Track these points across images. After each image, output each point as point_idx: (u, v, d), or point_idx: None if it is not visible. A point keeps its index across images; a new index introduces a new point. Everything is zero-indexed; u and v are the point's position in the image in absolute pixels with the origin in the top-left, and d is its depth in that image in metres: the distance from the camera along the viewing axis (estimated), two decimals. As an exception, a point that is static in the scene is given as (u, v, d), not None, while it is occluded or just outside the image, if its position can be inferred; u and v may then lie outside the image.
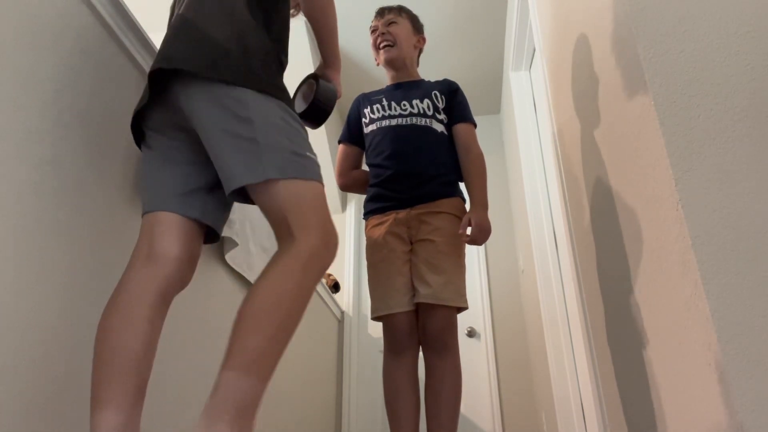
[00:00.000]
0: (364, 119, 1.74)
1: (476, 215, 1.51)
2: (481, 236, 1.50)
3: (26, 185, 0.93)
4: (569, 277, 1.92)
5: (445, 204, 1.57)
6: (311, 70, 3.29)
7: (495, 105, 3.97)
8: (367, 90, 1.86)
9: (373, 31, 1.75)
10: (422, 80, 1.78)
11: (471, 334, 3.46)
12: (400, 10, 1.76)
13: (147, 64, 1.35)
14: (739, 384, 0.75)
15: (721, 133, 0.90)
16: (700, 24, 0.98)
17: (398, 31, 1.72)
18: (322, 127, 3.39)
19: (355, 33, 1.79)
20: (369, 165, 1.71)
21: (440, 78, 1.82)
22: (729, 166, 0.88)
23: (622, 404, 1.29)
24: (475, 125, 1.71)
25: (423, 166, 1.59)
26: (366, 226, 1.66)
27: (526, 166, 2.83)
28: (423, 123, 1.64)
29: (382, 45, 1.72)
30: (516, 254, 3.52)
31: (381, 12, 1.76)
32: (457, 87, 1.74)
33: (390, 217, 1.57)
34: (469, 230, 1.51)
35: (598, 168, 1.32)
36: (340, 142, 1.81)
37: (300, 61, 3.21)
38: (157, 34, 1.22)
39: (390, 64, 1.73)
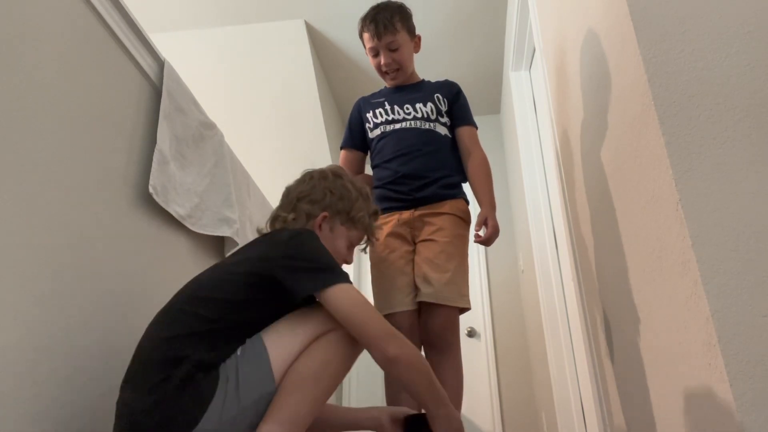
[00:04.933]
0: (367, 124, 1.73)
1: (492, 216, 1.54)
2: (494, 237, 1.53)
3: (26, 185, 0.93)
4: (569, 277, 1.92)
5: (449, 205, 1.58)
6: (312, 74, 3.30)
7: (495, 105, 3.97)
8: (367, 91, 1.85)
9: (373, 54, 1.68)
10: (422, 81, 1.78)
11: (471, 334, 3.46)
12: (394, 23, 1.62)
13: (147, 64, 1.36)
14: (739, 384, 0.75)
15: (721, 133, 0.90)
16: (700, 24, 0.98)
17: (402, 56, 1.67)
18: (322, 130, 3.40)
19: (355, 33, 1.76)
20: (373, 167, 1.72)
21: (440, 77, 1.81)
22: (729, 166, 0.88)
23: (621, 404, 1.29)
24: (476, 127, 1.72)
25: (427, 169, 1.60)
26: None
27: (526, 166, 2.82)
28: (426, 127, 1.64)
29: (388, 73, 1.69)
30: (516, 254, 3.52)
31: (378, 33, 1.62)
32: (459, 89, 1.74)
33: (393, 218, 1.58)
34: (482, 231, 1.53)
35: (598, 168, 1.32)
36: (342, 147, 1.81)
37: (300, 64, 3.22)
38: (157, 34, 1.22)
39: (398, 83, 1.73)
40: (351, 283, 1.00)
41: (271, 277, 0.98)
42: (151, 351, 0.91)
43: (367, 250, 1.38)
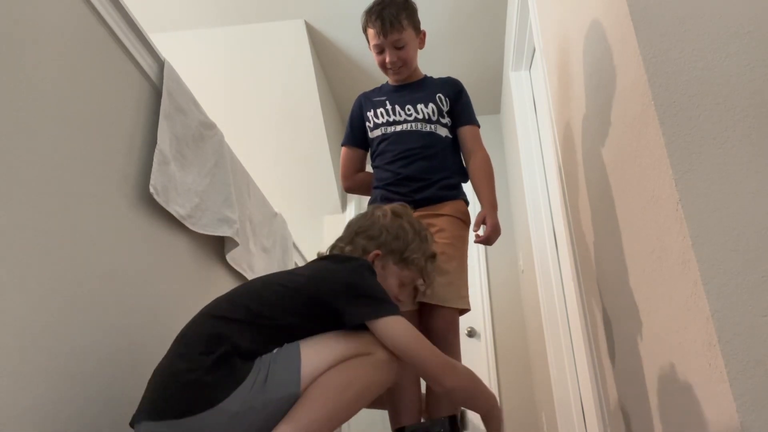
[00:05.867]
0: (368, 123, 1.72)
1: (491, 215, 1.53)
2: (494, 236, 1.52)
3: (26, 185, 0.93)
4: (569, 277, 1.92)
5: (449, 206, 1.57)
6: (312, 74, 3.29)
7: (495, 105, 3.97)
8: (367, 89, 1.84)
9: (378, 51, 1.66)
10: (425, 78, 1.76)
11: (471, 334, 3.46)
12: (401, 20, 1.60)
13: (147, 64, 1.36)
14: (739, 384, 0.75)
15: (721, 133, 0.90)
16: (700, 24, 0.98)
17: (407, 53, 1.65)
18: (322, 130, 3.40)
19: (355, 33, 1.76)
20: (374, 167, 1.71)
21: (440, 75, 1.80)
22: (729, 166, 0.88)
23: (621, 404, 1.29)
24: (479, 126, 1.71)
25: (427, 171, 1.59)
26: None
27: (526, 166, 2.83)
28: (428, 129, 1.63)
29: (393, 70, 1.68)
30: (516, 254, 3.52)
31: (384, 31, 1.60)
32: (461, 87, 1.73)
33: None
34: (481, 230, 1.53)
35: (598, 168, 1.32)
36: (343, 144, 1.80)
37: (300, 64, 3.22)
38: (157, 34, 1.22)
39: (401, 79, 1.72)
40: (401, 315, 1.04)
41: (327, 301, 1.02)
42: (200, 325, 0.99)
43: (427, 293, 1.40)
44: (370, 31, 1.65)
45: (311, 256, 1.42)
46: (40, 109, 0.98)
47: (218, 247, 1.71)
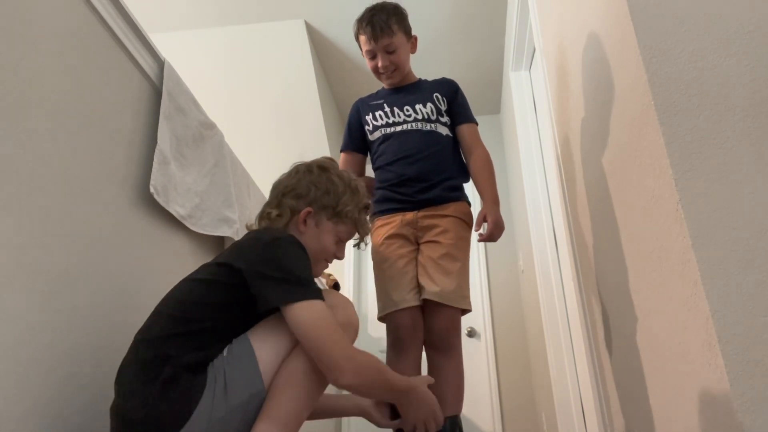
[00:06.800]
0: (367, 126, 1.73)
1: (491, 212, 1.53)
2: (497, 232, 1.52)
3: (26, 185, 0.93)
4: (569, 277, 1.92)
5: (452, 207, 1.58)
6: (312, 74, 3.29)
7: (495, 105, 3.97)
8: (367, 91, 1.85)
9: (370, 57, 1.68)
10: (419, 80, 1.77)
11: (471, 334, 3.46)
12: (390, 25, 1.62)
13: (147, 64, 1.36)
14: (739, 384, 0.75)
15: (721, 133, 0.90)
16: (700, 24, 0.98)
17: (399, 58, 1.66)
18: (322, 130, 3.40)
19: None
20: (375, 169, 1.71)
21: (437, 76, 1.81)
22: (729, 166, 0.88)
23: (621, 404, 1.29)
24: (476, 123, 1.72)
25: (431, 172, 1.59)
26: (372, 227, 1.66)
27: (526, 166, 2.83)
28: (428, 128, 1.64)
29: (384, 74, 1.69)
30: (516, 254, 3.52)
31: (374, 36, 1.62)
32: (457, 86, 1.74)
33: (396, 219, 1.58)
34: (483, 227, 1.53)
35: (598, 168, 1.32)
36: (342, 150, 1.81)
37: (300, 64, 3.22)
38: (157, 34, 1.22)
39: (394, 83, 1.73)
40: (321, 299, 0.95)
41: (244, 281, 0.95)
42: (131, 354, 0.93)
43: (361, 246, 1.34)
44: (362, 38, 1.67)
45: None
46: (41, 109, 0.98)
47: (218, 247, 1.71)
